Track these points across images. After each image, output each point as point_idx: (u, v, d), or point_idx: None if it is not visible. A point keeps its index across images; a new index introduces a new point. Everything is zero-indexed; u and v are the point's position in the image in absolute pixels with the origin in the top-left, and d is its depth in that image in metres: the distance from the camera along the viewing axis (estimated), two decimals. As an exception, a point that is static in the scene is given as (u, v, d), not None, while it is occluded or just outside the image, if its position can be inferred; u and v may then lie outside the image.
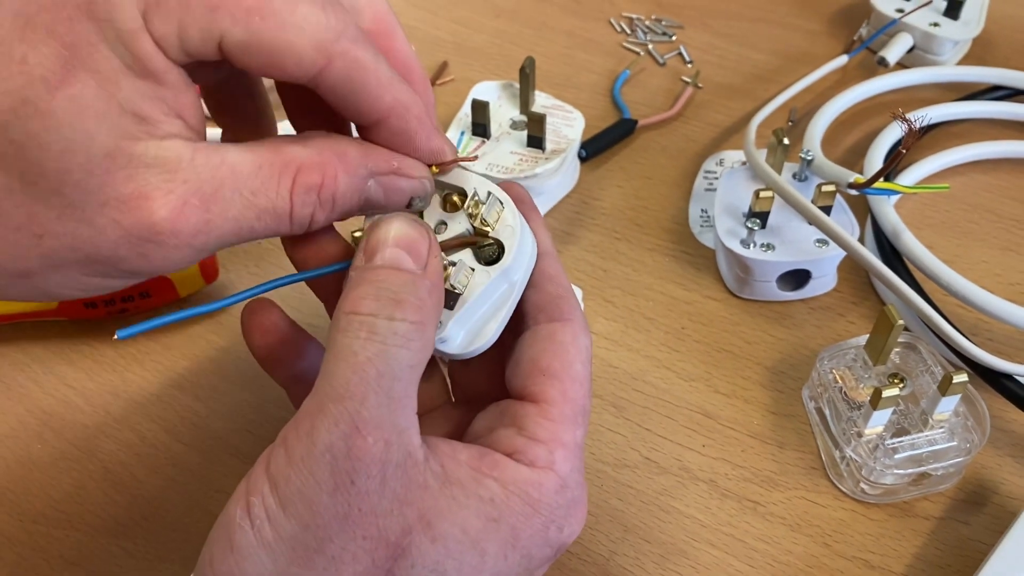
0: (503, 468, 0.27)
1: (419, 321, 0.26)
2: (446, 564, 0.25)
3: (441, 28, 0.66)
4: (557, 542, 0.28)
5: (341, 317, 0.26)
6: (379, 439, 0.24)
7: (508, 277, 0.30)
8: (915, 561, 0.38)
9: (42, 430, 0.42)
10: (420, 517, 0.25)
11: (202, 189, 0.25)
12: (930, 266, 0.43)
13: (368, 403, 0.25)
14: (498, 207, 0.30)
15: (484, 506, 0.26)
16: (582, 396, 0.29)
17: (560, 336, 0.30)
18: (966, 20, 0.60)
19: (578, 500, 0.29)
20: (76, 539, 0.39)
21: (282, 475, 0.24)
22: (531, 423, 0.28)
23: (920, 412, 0.39)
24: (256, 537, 0.24)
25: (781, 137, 0.47)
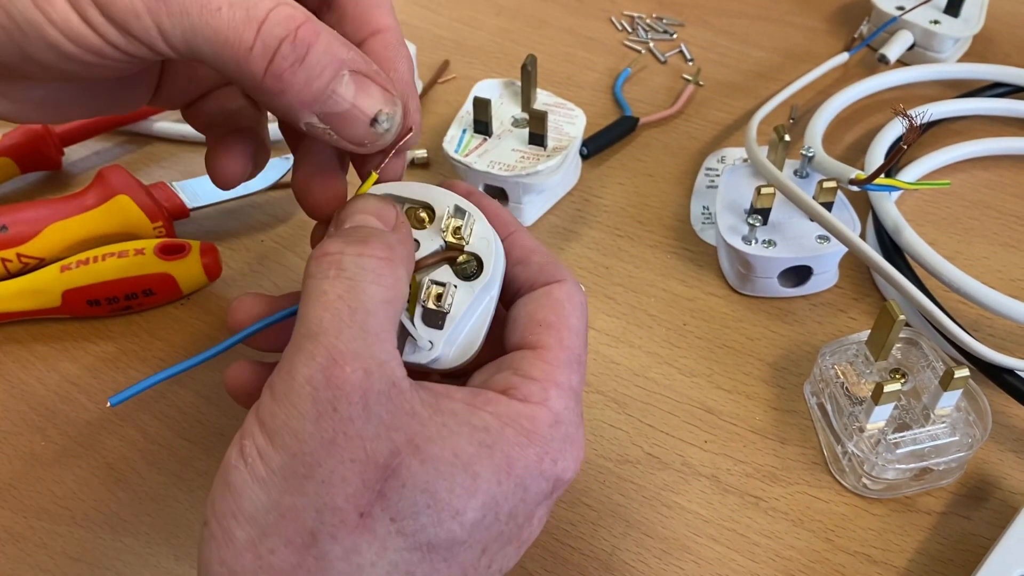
0: (497, 403, 0.27)
1: (387, 257, 0.27)
2: (437, 484, 0.25)
3: (442, 27, 0.66)
4: (552, 474, 0.28)
5: (311, 262, 0.27)
6: (357, 368, 0.25)
7: (489, 289, 0.31)
8: (917, 556, 0.38)
9: (45, 426, 0.42)
10: (408, 441, 0.25)
11: None
12: (931, 262, 0.44)
13: (343, 336, 0.25)
14: (470, 220, 0.31)
15: (477, 433, 0.26)
16: (578, 346, 0.30)
17: (556, 293, 0.30)
18: (966, 17, 0.60)
19: (573, 438, 0.28)
20: (79, 535, 0.39)
21: (268, 413, 0.25)
22: (526, 364, 0.29)
23: (922, 407, 0.39)
24: (250, 474, 0.25)
25: (782, 134, 0.47)
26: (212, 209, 0.51)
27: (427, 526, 0.25)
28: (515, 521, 0.27)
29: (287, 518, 0.24)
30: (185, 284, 0.46)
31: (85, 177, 0.54)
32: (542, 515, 0.29)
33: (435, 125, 0.57)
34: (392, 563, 0.25)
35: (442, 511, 0.25)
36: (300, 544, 0.24)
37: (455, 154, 0.49)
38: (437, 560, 0.25)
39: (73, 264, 0.45)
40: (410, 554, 0.25)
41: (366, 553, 0.24)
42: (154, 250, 0.46)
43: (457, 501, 0.25)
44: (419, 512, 0.25)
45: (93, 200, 0.47)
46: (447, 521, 0.25)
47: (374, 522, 0.25)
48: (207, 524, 0.25)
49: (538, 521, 0.28)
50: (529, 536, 0.28)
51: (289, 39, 0.26)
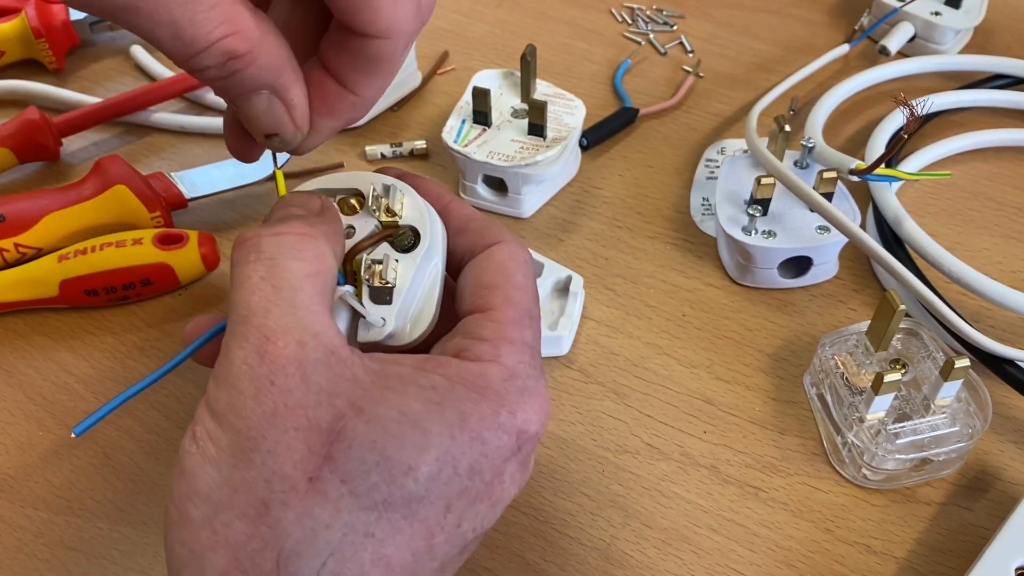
0: (447, 365, 0.27)
1: (305, 233, 0.28)
2: (385, 441, 0.25)
3: (442, 18, 0.65)
4: (512, 427, 0.27)
5: (233, 250, 0.28)
6: (290, 341, 0.25)
7: (431, 257, 0.31)
8: (917, 546, 0.38)
9: (43, 417, 0.42)
10: (351, 404, 0.25)
11: None
12: (932, 253, 0.43)
13: (271, 315, 0.26)
14: (399, 195, 0.31)
15: (424, 391, 0.26)
16: (526, 300, 0.30)
17: (497, 255, 0.31)
18: (967, 9, 0.60)
19: (531, 389, 0.28)
20: (76, 524, 0.39)
21: (213, 398, 0.26)
22: (476, 326, 0.29)
23: (922, 398, 0.39)
24: (201, 456, 0.26)
25: (783, 124, 0.47)
26: (210, 199, 0.51)
27: (379, 484, 0.25)
28: (480, 477, 0.27)
29: (239, 492, 0.25)
30: (183, 274, 0.46)
31: (83, 167, 0.54)
32: (513, 471, 0.28)
33: (434, 116, 0.57)
34: (347, 524, 0.25)
35: (394, 467, 0.25)
36: (253, 515, 0.25)
37: (454, 144, 0.49)
38: (396, 518, 0.25)
39: (71, 254, 0.45)
40: (366, 514, 0.25)
41: (319, 516, 0.25)
42: (152, 240, 0.45)
43: (408, 457, 0.25)
44: (369, 471, 0.25)
45: (91, 190, 0.47)
46: (400, 477, 0.25)
47: (324, 485, 0.25)
48: (167, 511, 0.26)
49: (510, 478, 0.28)
50: (502, 495, 0.28)
51: (220, 62, 0.27)
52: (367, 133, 0.56)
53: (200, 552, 0.25)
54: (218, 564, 0.25)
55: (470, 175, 0.50)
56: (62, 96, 0.57)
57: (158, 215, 0.48)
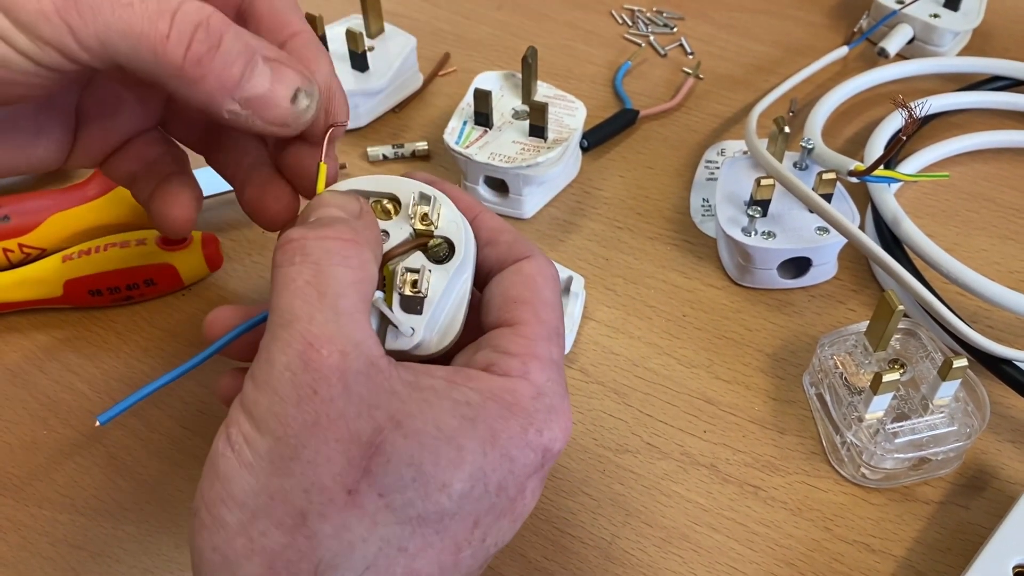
0: (478, 379, 0.28)
1: (351, 239, 0.27)
2: (422, 457, 0.25)
3: (443, 20, 0.66)
4: (539, 445, 0.28)
5: (276, 252, 0.27)
6: (333, 350, 0.25)
7: (464, 271, 0.31)
8: (915, 545, 0.38)
9: (47, 416, 0.43)
10: (390, 418, 0.25)
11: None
12: (930, 253, 0.44)
13: (316, 321, 0.26)
14: (437, 205, 0.31)
15: (459, 407, 0.26)
16: (554, 318, 0.30)
17: (527, 269, 0.31)
18: (966, 11, 0.60)
19: (557, 408, 0.28)
20: (80, 523, 0.39)
21: (251, 401, 0.25)
22: (504, 341, 0.29)
23: (920, 397, 0.39)
24: (237, 460, 0.25)
25: (782, 125, 0.47)
26: (213, 200, 0.51)
27: (415, 500, 0.25)
28: (506, 494, 0.27)
29: (276, 500, 0.25)
30: (186, 274, 0.46)
31: (86, 169, 0.54)
32: (534, 487, 0.29)
33: (436, 117, 0.58)
34: (383, 538, 0.25)
35: (429, 484, 0.25)
36: (290, 525, 0.25)
37: (456, 145, 0.49)
38: (428, 533, 0.25)
39: (75, 254, 0.45)
40: (400, 528, 0.25)
41: (356, 529, 0.25)
42: (156, 240, 0.46)
43: (443, 473, 0.25)
44: (406, 486, 0.25)
45: (95, 191, 0.48)
46: (435, 493, 0.25)
47: (362, 498, 0.25)
48: (197, 513, 0.26)
49: (531, 494, 0.28)
50: (523, 510, 0.28)
51: (203, 26, 0.27)
52: (369, 134, 0.56)
53: (234, 559, 0.25)
54: (253, 572, 0.25)
55: (471, 176, 0.51)
56: (65, 97, 0.57)
57: (161, 216, 0.48)
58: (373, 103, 0.56)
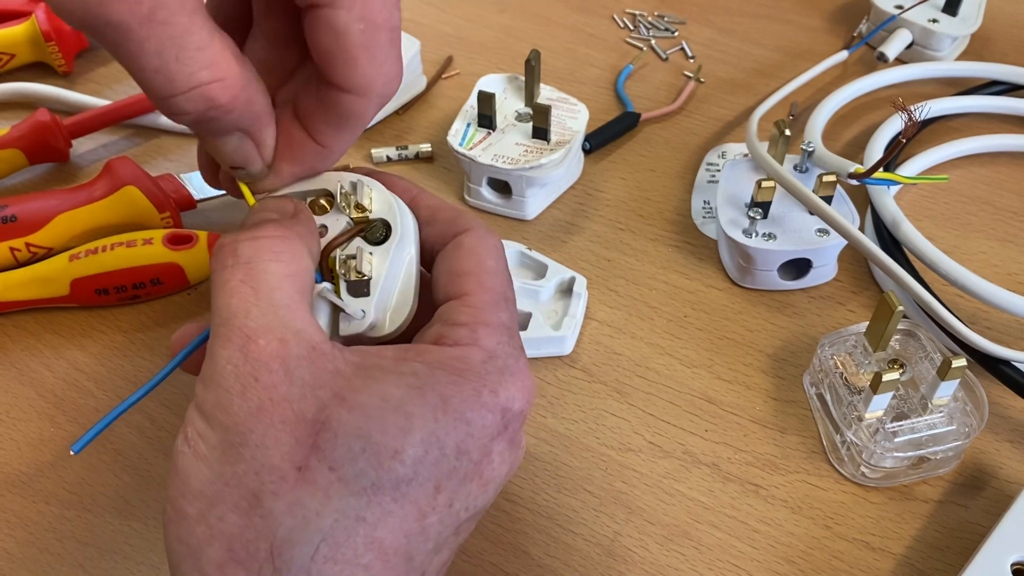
0: (427, 352, 0.28)
1: (280, 235, 0.28)
2: (369, 428, 0.26)
3: (447, 23, 0.66)
4: (495, 406, 0.28)
5: (212, 257, 0.28)
6: (272, 339, 0.26)
7: (405, 247, 0.31)
8: (914, 543, 0.38)
9: (54, 413, 0.43)
10: (334, 395, 0.26)
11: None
12: (929, 255, 0.44)
13: (252, 315, 0.26)
14: (367, 191, 0.32)
15: (404, 378, 0.27)
16: (500, 284, 0.31)
17: (467, 243, 0.31)
18: (964, 16, 0.61)
19: (511, 369, 0.29)
20: (87, 519, 0.39)
21: (201, 400, 0.27)
22: (452, 313, 0.29)
23: (919, 397, 0.40)
24: (193, 454, 0.26)
25: (783, 128, 0.47)
26: (218, 201, 0.52)
27: (367, 469, 0.26)
28: (468, 457, 0.27)
29: (230, 486, 0.25)
30: (192, 274, 0.47)
31: (92, 169, 0.55)
32: (502, 450, 0.28)
33: (439, 120, 0.58)
34: (338, 510, 0.25)
35: (380, 452, 0.26)
36: (246, 507, 0.25)
37: (459, 147, 0.50)
38: (386, 501, 0.26)
39: (82, 253, 0.46)
40: (355, 499, 0.25)
41: (310, 504, 0.25)
42: (162, 240, 0.46)
43: (393, 440, 0.26)
44: (356, 457, 0.25)
45: (102, 191, 0.48)
46: (387, 461, 0.26)
47: (313, 474, 0.25)
48: (165, 510, 0.27)
49: (499, 457, 0.28)
50: (493, 474, 0.28)
51: (197, 112, 0.27)
52: (373, 136, 0.57)
53: (197, 546, 0.26)
54: (214, 556, 0.25)
55: (475, 178, 0.51)
56: (72, 98, 0.58)
57: (168, 216, 0.48)
58: (377, 105, 0.56)
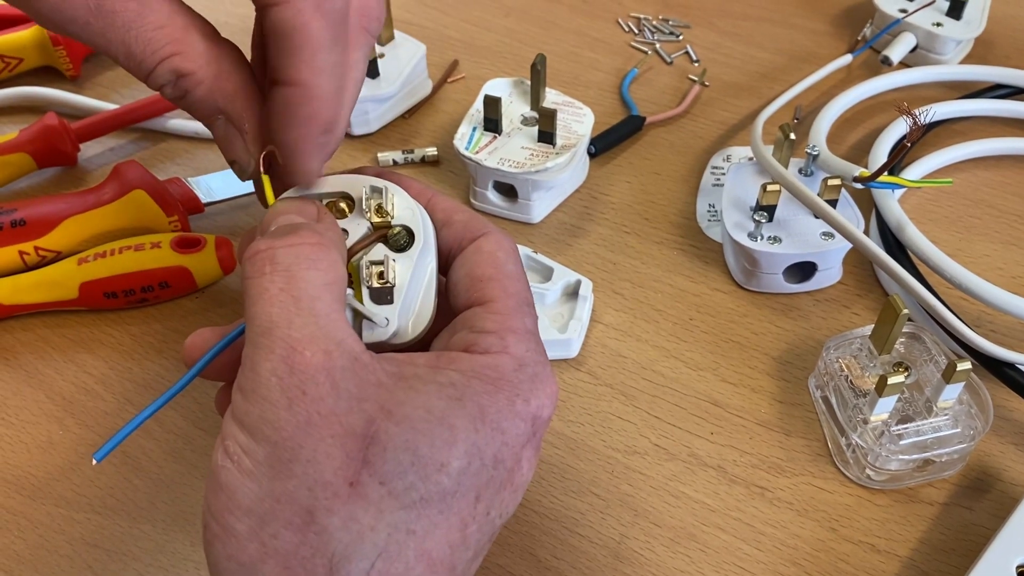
0: (460, 360, 0.28)
1: (318, 243, 0.28)
2: (417, 441, 0.26)
3: (452, 27, 0.66)
4: (527, 414, 0.28)
5: (245, 264, 0.28)
6: (317, 351, 0.26)
7: (427, 254, 0.31)
8: (920, 545, 0.38)
9: (62, 416, 0.43)
10: (381, 408, 0.26)
11: None
12: (934, 258, 0.44)
13: (295, 325, 0.26)
14: (390, 195, 0.32)
15: (445, 389, 0.27)
16: (522, 289, 0.31)
17: (486, 246, 0.31)
18: (968, 20, 0.61)
19: (540, 376, 0.29)
20: (96, 522, 0.39)
21: (242, 412, 0.26)
22: (479, 320, 0.29)
23: (925, 400, 0.40)
24: (238, 470, 0.26)
25: (788, 132, 0.48)
26: (226, 204, 0.52)
27: (416, 483, 0.26)
28: (503, 465, 0.28)
29: (282, 502, 0.25)
30: (200, 277, 0.47)
31: (100, 173, 0.55)
32: (530, 456, 0.29)
33: (445, 123, 0.58)
34: (391, 524, 0.25)
35: (427, 465, 0.26)
36: (299, 523, 0.25)
37: (465, 151, 0.50)
38: (433, 513, 0.26)
39: (90, 257, 0.46)
40: (406, 512, 0.26)
41: (363, 519, 0.25)
42: (170, 243, 0.46)
43: (439, 454, 0.26)
44: (405, 471, 0.26)
45: (110, 194, 0.48)
46: (434, 474, 0.26)
47: (365, 488, 0.25)
48: (207, 525, 0.26)
49: (527, 463, 0.29)
50: (522, 480, 0.29)
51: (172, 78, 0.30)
52: (379, 140, 0.57)
53: (250, 564, 0.25)
54: (271, 574, 0.25)
55: (481, 181, 0.51)
56: (79, 102, 0.58)
57: (176, 219, 0.49)
58: (383, 109, 0.57)
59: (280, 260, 0.27)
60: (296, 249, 0.28)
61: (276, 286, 0.27)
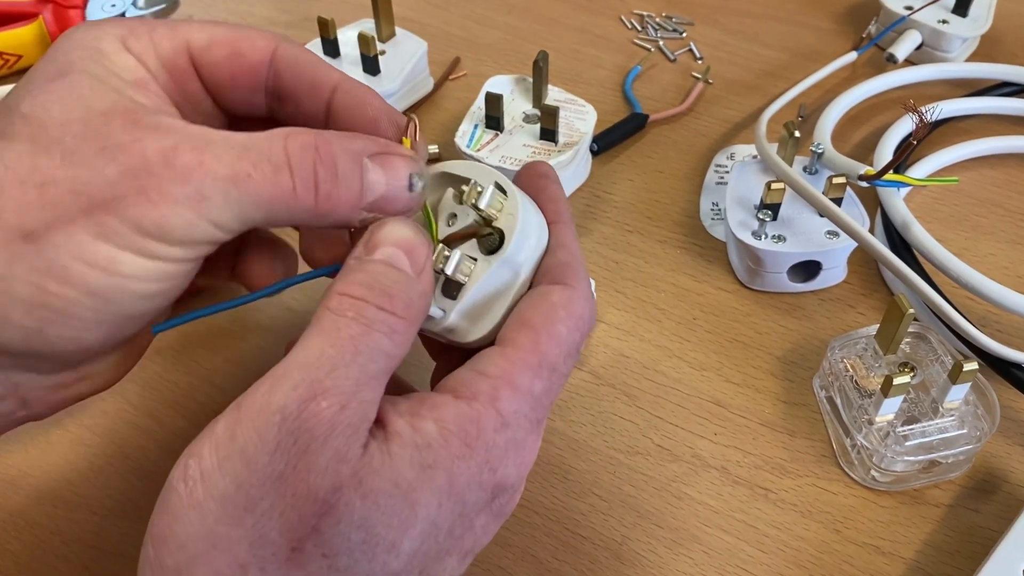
0: (441, 407, 0.27)
1: (405, 316, 0.27)
2: (374, 519, 0.24)
3: (454, 24, 0.66)
4: (490, 483, 0.27)
5: (332, 296, 0.27)
6: (334, 403, 0.24)
7: (510, 264, 0.30)
8: (925, 547, 0.38)
9: (60, 415, 0.43)
10: (353, 475, 0.24)
11: (195, 141, 0.26)
12: (940, 257, 0.44)
13: (336, 374, 0.25)
14: (500, 196, 0.30)
15: (420, 453, 0.25)
16: (556, 353, 0.28)
17: (554, 297, 0.29)
18: (974, 17, 0.60)
19: (519, 444, 0.27)
20: (95, 522, 0.39)
21: (228, 433, 0.24)
22: (487, 360, 0.28)
23: (931, 400, 0.39)
24: (187, 497, 0.24)
25: (792, 130, 0.47)
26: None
27: (360, 561, 0.24)
28: (453, 535, 0.26)
29: (218, 548, 0.23)
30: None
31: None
32: (485, 523, 0.28)
33: (446, 121, 0.58)
34: None
35: (376, 546, 0.24)
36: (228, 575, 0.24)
37: (467, 149, 0.50)
38: None
39: (89, 255, 0.45)
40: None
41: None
42: (169, 242, 0.46)
43: (393, 534, 0.25)
44: (353, 549, 0.24)
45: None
46: (382, 555, 0.24)
47: (306, 557, 0.24)
48: (144, 546, 0.25)
49: (481, 529, 0.28)
50: (473, 544, 0.28)
51: (319, 162, 0.27)
52: (380, 137, 0.57)
53: None
54: None
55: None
56: (79, 100, 0.58)
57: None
58: (384, 106, 0.56)
59: (366, 314, 0.26)
60: (383, 314, 0.26)
61: (349, 331, 0.26)
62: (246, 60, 0.30)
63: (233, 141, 0.27)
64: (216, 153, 0.26)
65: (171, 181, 0.25)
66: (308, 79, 0.31)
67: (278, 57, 0.31)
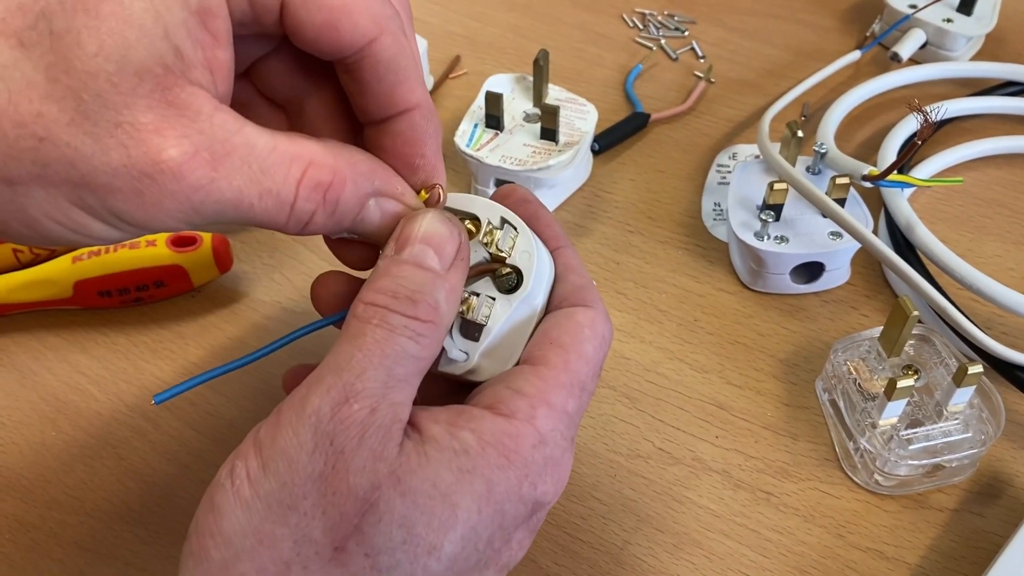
0: (479, 420, 0.27)
1: (431, 321, 0.27)
2: (414, 518, 0.25)
3: (454, 22, 0.66)
4: (531, 499, 0.27)
5: (359, 306, 0.27)
6: (365, 406, 0.25)
7: (529, 303, 0.30)
8: (929, 552, 0.37)
9: (56, 417, 0.43)
10: (391, 473, 0.25)
11: (214, 147, 0.25)
12: (944, 259, 0.43)
13: (365, 377, 0.26)
14: (512, 233, 0.31)
15: (457, 458, 0.26)
16: (585, 372, 0.29)
17: (578, 317, 0.30)
18: (979, 16, 0.60)
19: (557, 461, 0.28)
20: (90, 525, 0.39)
21: (268, 436, 0.25)
22: (521, 379, 0.28)
23: (935, 404, 0.39)
24: (234, 495, 0.25)
25: (795, 130, 0.47)
26: (223, 202, 0.51)
27: (402, 562, 0.25)
28: (492, 547, 0.27)
29: (264, 545, 0.24)
30: (196, 276, 0.46)
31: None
32: (521, 538, 0.28)
33: (446, 120, 0.57)
34: None
35: (418, 546, 0.25)
36: (272, 572, 0.24)
37: (467, 148, 0.49)
38: None
39: (85, 255, 0.45)
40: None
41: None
42: (166, 242, 0.46)
43: (434, 535, 0.25)
44: (395, 548, 0.25)
45: (105, 192, 0.47)
46: (423, 557, 0.25)
47: (348, 556, 0.24)
48: (189, 538, 0.26)
49: (517, 544, 0.28)
50: (509, 559, 0.28)
51: (321, 205, 0.27)
52: (379, 137, 0.56)
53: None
54: None
55: (482, 179, 0.50)
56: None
57: (172, 217, 0.48)
58: (383, 105, 0.56)
59: (391, 322, 0.27)
60: (408, 320, 0.27)
61: (374, 336, 0.26)
62: (336, 35, 0.27)
63: (254, 155, 0.25)
64: (230, 168, 0.25)
65: (171, 195, 0.24)
66: (388, 88, 0.28)
67: (373, 51, 0.27)
